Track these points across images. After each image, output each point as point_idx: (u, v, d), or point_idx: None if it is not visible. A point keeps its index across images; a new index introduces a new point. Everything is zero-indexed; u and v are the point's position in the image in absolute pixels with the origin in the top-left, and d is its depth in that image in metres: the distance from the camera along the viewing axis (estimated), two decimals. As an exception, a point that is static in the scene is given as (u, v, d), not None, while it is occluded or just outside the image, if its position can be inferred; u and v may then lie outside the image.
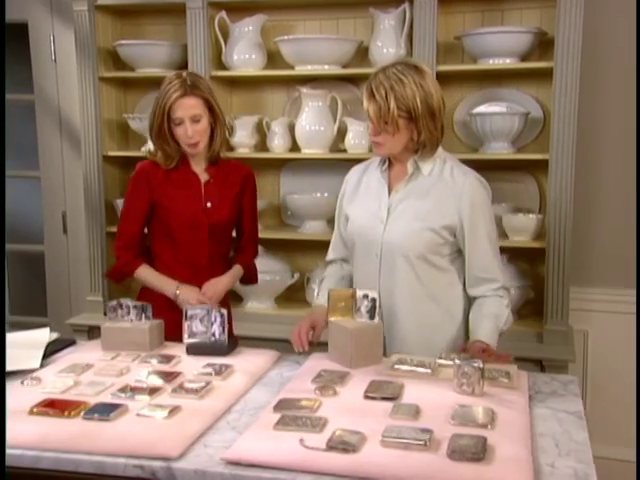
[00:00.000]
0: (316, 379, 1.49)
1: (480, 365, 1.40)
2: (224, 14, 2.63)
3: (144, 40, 2.75)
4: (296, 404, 1.34)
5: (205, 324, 1.68)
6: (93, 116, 2.73)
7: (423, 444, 1.16)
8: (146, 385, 1.44)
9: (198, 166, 1.95)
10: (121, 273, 1.98)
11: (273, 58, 2.69)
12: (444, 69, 2.45)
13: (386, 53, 2.48)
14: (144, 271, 1.93)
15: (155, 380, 1.47)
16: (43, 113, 3.12)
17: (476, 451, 1.13)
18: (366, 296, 1.60)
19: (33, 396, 1.38)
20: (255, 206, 2.08)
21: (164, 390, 1.42)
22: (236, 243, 2.11)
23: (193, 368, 1.56)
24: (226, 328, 1.67)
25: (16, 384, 1.47)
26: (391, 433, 1.19)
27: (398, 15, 2.49)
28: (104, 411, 1.29)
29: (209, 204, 1.93)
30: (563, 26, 2.26)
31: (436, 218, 1.66)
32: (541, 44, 2.45)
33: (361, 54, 2.60)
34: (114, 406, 1.31)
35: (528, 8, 2.52)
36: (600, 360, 2.66)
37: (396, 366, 1.53)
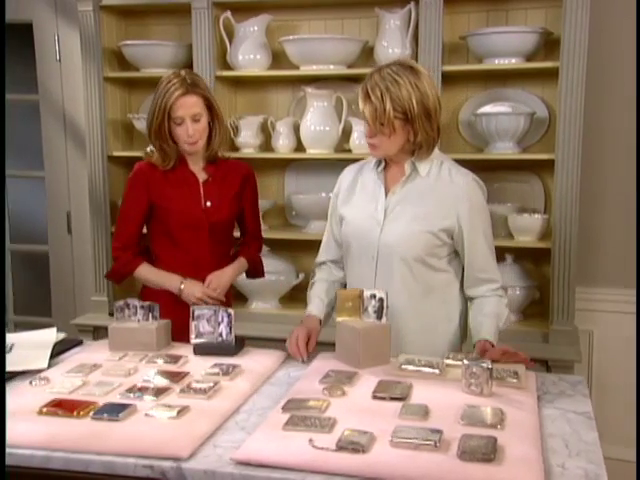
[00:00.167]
0: (324, 379, 1.49)
1: (488, 365, 1.40)
2: (229, 14, 2.63)
3: (149, 40, 2.75)
4: (304, 404, 1.34)
5: (212, 324, 1.68)
6: (98, 116, 2.73)
7: (433, 444, 1.16)
8: (154, 385, 1.44)
9: (196, 165, 1.94)
10: (121, 273, 1.97)
11: (278, 58, 2.69)
12: (449, 69, 2.45)
13: (392, 53, 2.48)
14: (145, 269, 1.92)
15: (163, 380, 1.47)
16: (47, 113, 3.12)
17: (486, 452, 1.13)
18: (374, 296, 1.60)
19: (42, 396, 1.38)
20: (256, 203, 2.07)
21: (172, 390, 1.42)
22: (239, 240, 2.10)
23: (201, 368, 1.56)
24: (233, 328, 1.67)
25: (24, 384, 1.47)
26: (401, 433, 1.19)
27: (403, 15, 2.49)
28: (113, 411, 1.29)
29: (208, 203, 1.92)
30: (569, 26, 2.26)
31: (435, 220, 1.65)
32: (546, 44, 2.45)
33: (366, 54, 2.59)
34: (123, 406, 1.31)
35: (533, 8, 2.52)
36: (605, 360, 2.65)
37: (404, 366, 1.53)
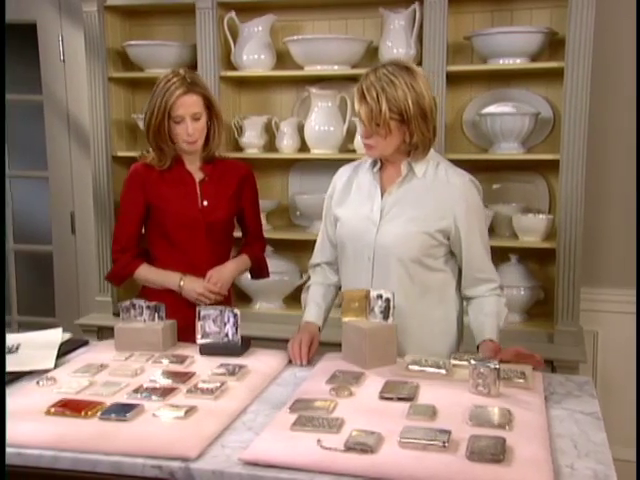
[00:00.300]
0: (331, 379, 1.49)
1: (496, 366, 1.39)
2: (233, 14, 2.63)
3: (153, 40, 2.75)
4: (312, 405, 1.34)
5: (218, 324, 1.68)
6: (102, 116, 2.73)
7: (441, 445, 1.16)
8: (161, 385, 1.44)
9: (192, 165, 1.93)
10: (120, 276, 1.96)
11: (282, 58, 2.69)
12: (454, 69, 2.45)
13: (396, 53, 2.48)
14: (144, 270, 1.91)
15: (170, 380, 1.47)
16: (51, 113, 3.12)
17: (495, 452, 1.12)
18: (380, 296, 1.60)
19: (49, 396, 1.38)
20: (257, 203, 2.05)
21: (179, 391, 1.42)
22: (242, 241, 2.09)
23: (207, 368, 1.56)
24: (239, 329, 1.67)
25: (31, 384, 1.47)
26: (409, 434, 1.19)
27: (408, 15, 2.49)
28: (121, 411, 1.29)
29: (205, 203, 1.90)
30: (574, 26, 2.26)
31: (431, 221, 1.65)
32: (551, 44, 2.45)
33: (370, 54, 2.59)
34: (130, 406, 1.31)
35: (538, 8, 2.51)
36: (610, 361, 2.65)
37: (410, 366, 1.53)
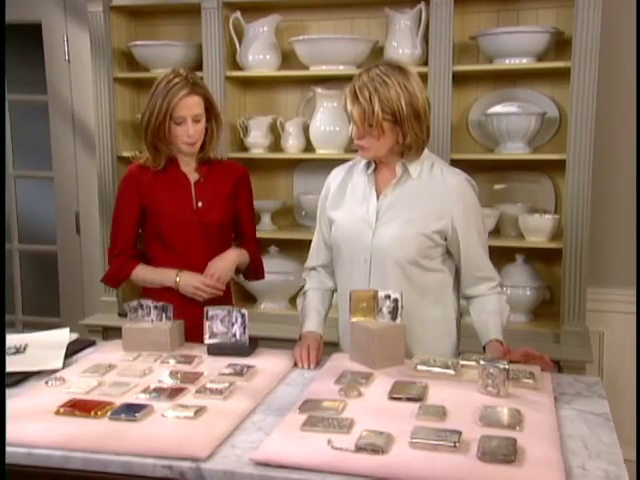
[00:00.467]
0: (339, 380, 1.49)
1: (505, 366, 1.39)
2: (239, 14, 2.63)
3: (158, 41, 2.75)
4: (321, 405, 1.34)
5: (226, 324, 1.68)
6: (107, 116, 2.73)
7: (452, 445, 1.16)
8: (170, 386, 1.44)
9: (188, 166, 1.91)
10: (117, 278, 1.94)
11: (287, 58, 2.69)
12: (460, 69, 2.44)
13: (402, 53, 2.48)
14: (141, 270, 1.90)
15: (178, 381, 1.47)
16: (56, 113, 3.13)
17: (507, 453, 1.12)
18: (388, 296, 1.60)
19: (58, 396, 1.38)
20: (252, 205, 2.03)
21: (188, 391, 1.42)
22: (235, 243, 2.05)
23: (215, 369, 1.56)
24: (247, 329, 1.67)
25: (40, 384, 1.47)
26: (419, 434, 1.19)
27: (414, 15, 2.49)
28: (130, 411, 1.29)
29: (200, 204, 1.89)
30: (581, 25, 2.25)
31: (428, 223, 1.64)
32: (557, 44, 2.44)
33: (376, 54, 2.59)
34: (140, 406, 1.31)
35: (544, 8, 2.51)
36: (616, 361, 2.64)
37: (419, 367, 1.53)
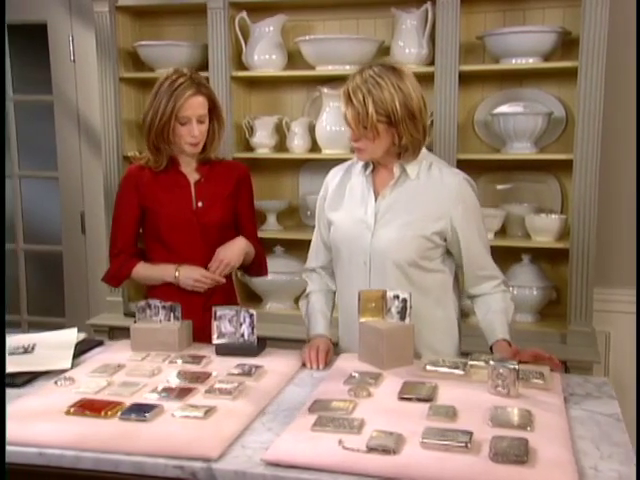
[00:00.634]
0: (348, 380, 1.49)
1: (515, 366, 1.39)
2: (244, 14, 2.62)
3: (164, 41, 2.76)
4: (331, 405, 1.34)
5: (234, 325, 1.68)
6: (113, 116, 2.73)
7: (464, 446, 1.15)
8: (179, 386, 1.44)
9: (188, 166, 1.90)
10: (117, 277, 1.93)
11: (293, 58, 2.69)
12: (466, 69, 2.44)
13: (408, 53, 2.48)
14: (141, 268, 1.89)
15: (187, 381, 1.47)
16: (62, 114, 3.13)
17: (519, 453, 1.12)
18: (397, 297, 1.59)
19: (67, 396, 1.38)
20: (252, 204, 2.02)
21: (197, 391, 1.42)
22: None
23: (224, 369, 1.56)
24: (255, 329, 1.67)
25: (50, 384, 1.47)
26: (431, 435, 1.19)
27: (420, 15, 2.48)
28: (140, 411, 1.29)
29: (200, 204, 1.87)
30: (588, 25, 2.25)
31: (427, 224, 1.64)
32: (564, 43, 2.44)
33: (382, 54, 2.58)
34: (150, 407, 1.31)
35: (550, 7, 2.50)
36: (622, 362, 2.64)
37: (428, 367, 1.53)
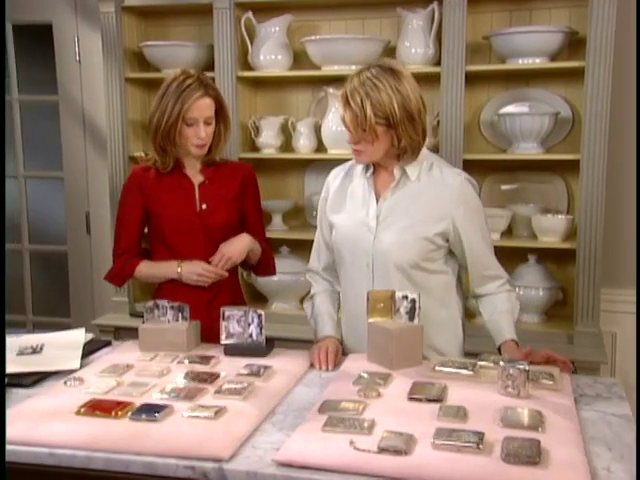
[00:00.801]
0: (357, 380, 1.48)
1: (526, 367, 1.39)
2: (250, 14, 2.63)
3: (169, 41, 2.76)
4: (341, 406, 1.33)
5: (242, 325, 1.68)
6: (119, 117, 2.73)
7: (476, 447, 1.15)
8: (189, 386, 1.44)
9: (192, 168, 1.89)
10: (120, 276, 1.92)
11: (299, 58, 2.69)
12: (473, 69, 2.44)
13: (414, 53, 2.48)
14: (144, 266, 1.88)
15: (197, 381, 1.47)
16: (67, 114, 3.13)
17: (531, 454, 1.12)
18: (405, 297, 1.59)
19: (77, 396, 1.38)
20: (259, 205, 2.01)
21: (207, 391, 1.42)
22: None
23: (233, 369, 1.56)
24: (264, 329, 1.67)
25: (59, 384, 1.47)
26: (442, 435, 1.18)
27: (426, 15, 2.48)
28: (150, 412, 1.29)
29: (204, 206, 1.86)
30: (595, 25, 2.24)
31: (429, 226, 1.63)
32: (570, 43, 2.43)
33: (387, 54, 2.58)
34: (160, 407, 1.31)
35: (557, 7, 2.50)
36: (629, 362, 2.63)
37: (437, 367, 1.52)
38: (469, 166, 2.31)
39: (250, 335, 1.68)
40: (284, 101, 2.82)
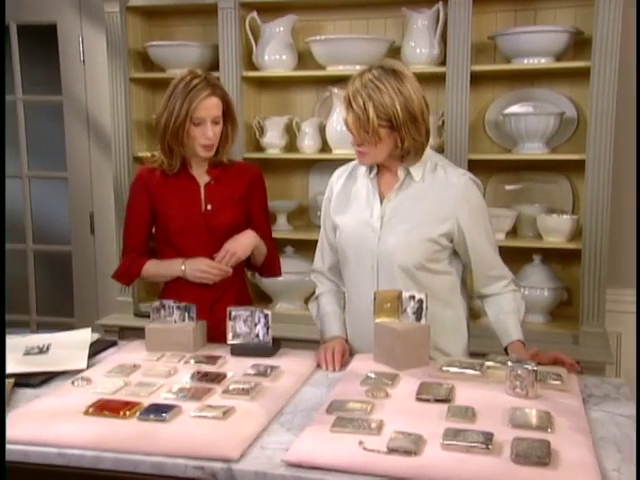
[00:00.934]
0: (365, 381, 1.48)
1: (534, 367, 1.38)
2: (255, 14, 2.63)
3: (174, 41, 2.76)
4: (349, 406, 1.33)
5: (249, 325, 1.68)
6: (123, 117, 2.73)
7: (485, 447, 1.15)
8: (196, 386, 1.44)
9: (199, 169, 1.88)
10: (127, 275, 1.93)
11: (303, 58, 2.69)
12: (478, 69, 2.44)
13: (419, 53, 2.48)
14: (151, 265, 1.88)
15: (204, 381, 1.47)
16: (71, 114, 3.13)
17: (541, 455, 1.11)
18: (412, 297, 1.59)
19: (85, 396, 1.38)
20: (266, 206, 2.01)
21: (214, 391, 1.42)
22: None
23: (239, 369, 1.55)
24: (270, 329, 1.67)
25: (66, 384, 1.47)
26: (451, 436, 1.18)
27: (431, 15, 2.48)
28: (158, 412, 1.29)
29: (209, 207, 1.86)
30: (601, 25, 2.24)
31: (433, 226, 1.63)
32: (576, 43, 2.43)
33: (392, 54, 2.58)
34: (168, 407, 1.31)
35: (562, 7, 2.50)
36: (634, 363, 2.63)
37: (445, 368, 1.52)
38: (474, 166, 2.31)
39: (257, 335, 1.68)
40: (289, 101, 2.82)
